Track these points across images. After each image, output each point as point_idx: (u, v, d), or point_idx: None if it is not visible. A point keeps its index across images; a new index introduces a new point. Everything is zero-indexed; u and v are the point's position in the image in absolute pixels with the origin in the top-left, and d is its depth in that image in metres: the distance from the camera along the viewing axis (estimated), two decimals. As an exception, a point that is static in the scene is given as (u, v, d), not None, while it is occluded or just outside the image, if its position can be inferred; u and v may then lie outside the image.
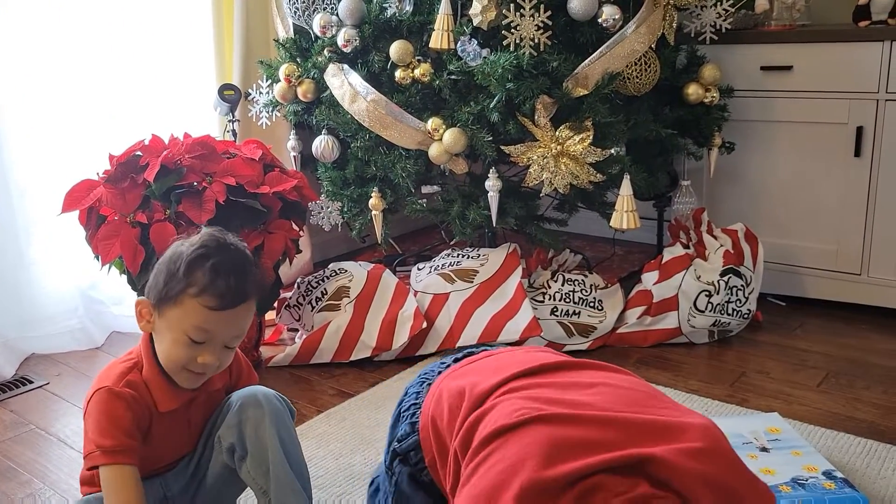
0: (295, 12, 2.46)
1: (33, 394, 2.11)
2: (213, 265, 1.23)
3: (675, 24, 2.35)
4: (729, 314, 2.29)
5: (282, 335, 2.45)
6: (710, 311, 2.27)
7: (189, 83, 2.62)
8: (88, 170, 2.03)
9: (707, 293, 2.26)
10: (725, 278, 2.27)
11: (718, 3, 2.43)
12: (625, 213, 2.19)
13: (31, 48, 2.27)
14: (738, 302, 2.29)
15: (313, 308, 2.29)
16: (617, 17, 2.16)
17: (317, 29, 2.37)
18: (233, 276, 1.24)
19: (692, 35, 2.48)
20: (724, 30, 2.44)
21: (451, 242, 2.73)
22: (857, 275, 2.46)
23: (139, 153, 2.01)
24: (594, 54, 2.13)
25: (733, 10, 2.45)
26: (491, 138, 2.13)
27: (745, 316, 2.31)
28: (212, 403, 1.37)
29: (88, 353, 2.37)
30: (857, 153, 2.38)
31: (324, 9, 2.42)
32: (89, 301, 2.43)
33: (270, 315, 2.38)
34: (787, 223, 2.56)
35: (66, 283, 2.41)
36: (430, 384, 1.26)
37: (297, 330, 2.41)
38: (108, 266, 1.97)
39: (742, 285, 2.29)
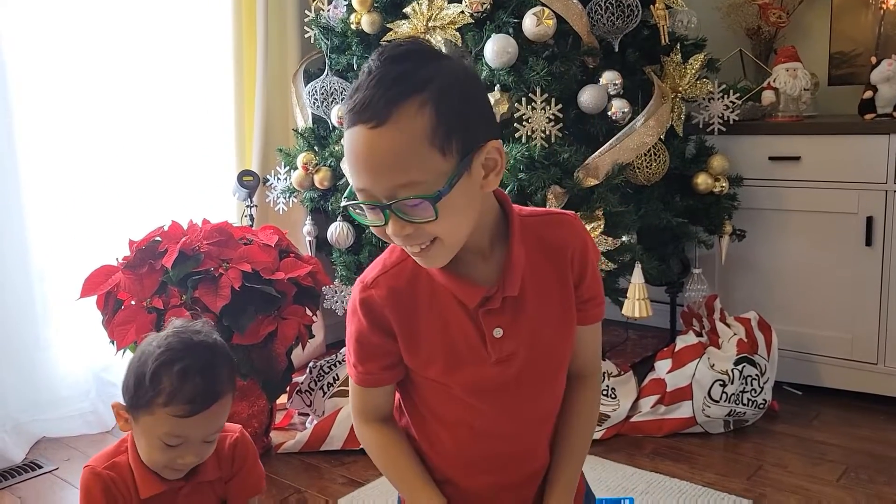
0: (314, 103, 2.54)
1: (42, 479, 2.10)
2: (180, 370, 1.20)
3: (683, 116, 2.41)
4: (744, 404, 2.26)
5: (293, 420, 2.44)
6: (725, 400, 2.24)
7: (209, 169, 2.69)
8: (107, 253, 2.07)
9: (721, 382, 2.24)
10: (739, 367, 2.26)
11: (726, 96, 2.49)
12: (636, 302, 2.19)
13: (54, 132, 2.35)
14: (752, 392, 2.26)
15: (325, 393, 2.28)
16: (626, 109, 2.22)
17: (334, 119, 2.44)
18: (201, 379, 1.21)
19: (700, 126, 2.54)
20: (731, 121, 2.50)
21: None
22: (874, 364, 2.44)
23: (158, 239, 2.06)
24: (604, 146, 2.18)
25: (740, 102, 2.51)
26: (503, 227, 2.16)
27: (761, 406, 2.28)
28: (203, 495, 1.33)
29: (99, 436, 2.36)
30: (868, 243, 2.39)
31: (342, 100, 2.50)
32: (102, 384, 2.44)
33: (282, 399, 2.38)
34: (800, 311, 2.56)
35: (79, 366, 2.42)
36: None
37: (307, 415, 2.40)
38: (122, 350, 1.99)
39: (757, 374, 2.27)
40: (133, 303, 1.98)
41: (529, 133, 2.14)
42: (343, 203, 0.93)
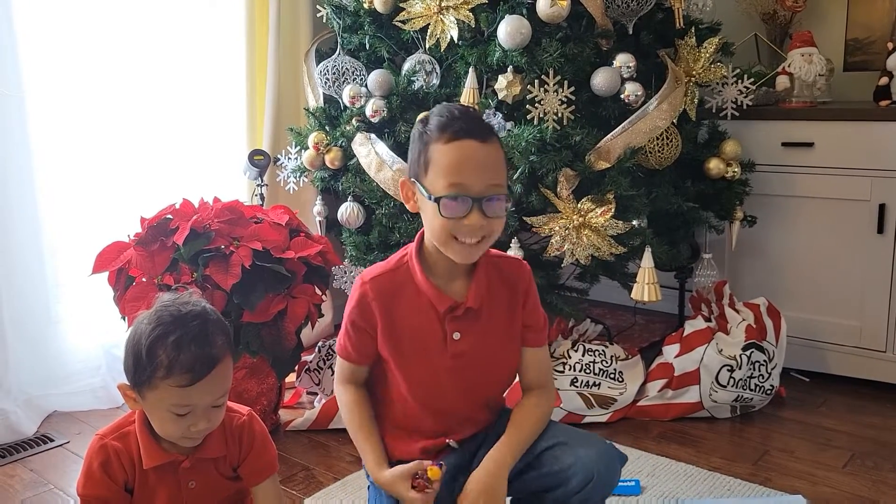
0: (325, 82, 2.54)
1: (53, 452, 2.13)
2: (174, 342, 1.22)
3: (696, 100, 2.40)
4: (751, 389, 2.26)
5: (301, 398, 2.46)
6: (733, 385, 2.25)
7: (220, 148, 2.70)
8: (118, 231, 2.08)
9: (729, 368, 2.24)
10: (748, 353, 2.26)
11: (739, 80, 2.48)
12: (646, 286, 2.19)
13: (66, 111, 2.36)
14: (760, 377, 2.26)
15: (333, 373, 2.29)
16: (639, 93, 2.21)
17: (346, 99, 2.44)
18: (196, 346, 1.23)
19: (713, 111, 2.52)
20: (745, 106, 2.48)
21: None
22: (882, 352, 2.43)
23: (170, 216, 2.06)
24: (616, 129, 2.17)
25: (754, 87, 2.49)
26: (514, 209, 2.16)
27: (768, 392, 2.29)
28: (204, 471, 1.34)
29: (109, 411, 2.38)
30: (881, 230, 2.38)
31: (353, 80, 2.49)
32: (112, 359, 2.46)
33: (291, 378, 2.39)
34: (809, 298, 2.55)
35: (90, 341, 2.44)
36: None
37: (316, 394, 2.41)
38: (133, 327, 2.00)
39: (765, 360, 2.27)
40: (144, 279, 1.99)
41: (541, 115, 2.13)
42: (438, 195, 1.24)
